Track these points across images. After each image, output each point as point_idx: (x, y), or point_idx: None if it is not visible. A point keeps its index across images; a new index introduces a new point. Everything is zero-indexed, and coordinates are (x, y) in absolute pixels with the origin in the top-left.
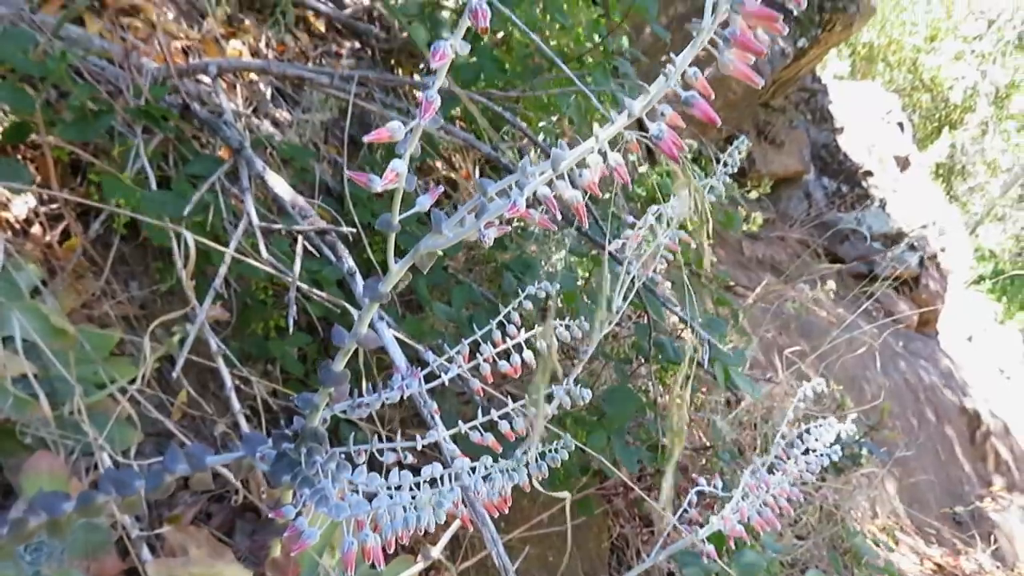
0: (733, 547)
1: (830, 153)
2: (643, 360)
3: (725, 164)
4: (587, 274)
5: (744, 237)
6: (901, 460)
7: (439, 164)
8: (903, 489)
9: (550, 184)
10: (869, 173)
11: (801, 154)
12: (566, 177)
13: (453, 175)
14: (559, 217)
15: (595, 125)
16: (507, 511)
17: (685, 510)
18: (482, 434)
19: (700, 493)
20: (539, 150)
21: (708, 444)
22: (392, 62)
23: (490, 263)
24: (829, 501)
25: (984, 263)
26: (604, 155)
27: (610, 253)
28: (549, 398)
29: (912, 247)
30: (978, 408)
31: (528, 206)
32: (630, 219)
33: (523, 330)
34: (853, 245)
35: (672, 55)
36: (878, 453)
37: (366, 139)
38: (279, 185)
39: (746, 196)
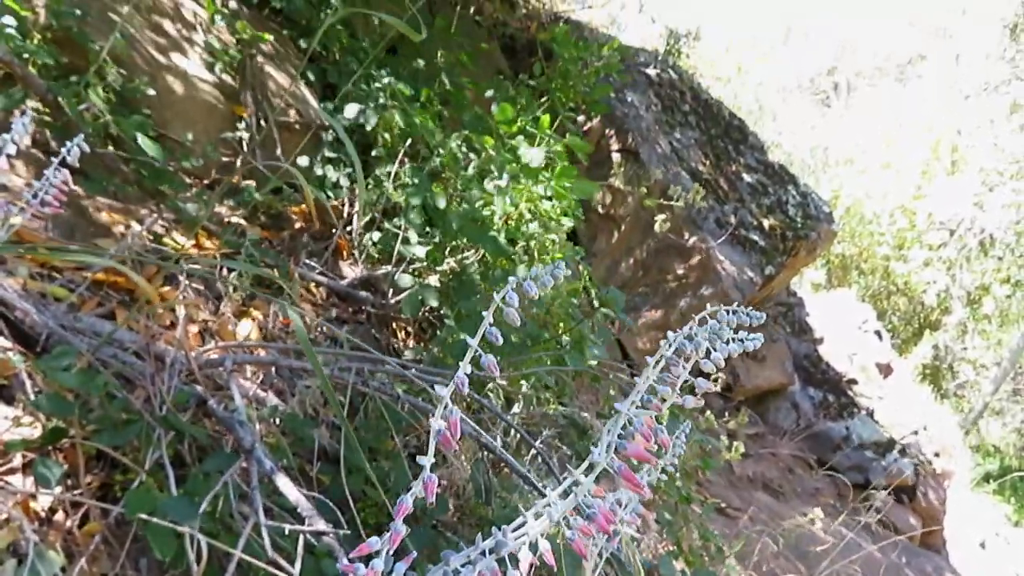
0: None
1: (812, 363)
2: None
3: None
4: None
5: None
6: None
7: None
8: None
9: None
10: (853, 381)
11: (784, 366)
12: (508, 560)
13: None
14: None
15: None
16: None
17: None
18: None
19: None
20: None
21: None
22: (387, 324)
23: (476, 515)
24: None
25: (990, 459)
26: (534, 547)
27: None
28: None
29: (904, 453)
30: None
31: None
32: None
33: None
34: (846, 455)
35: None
36: None
37: (344, 565)
38: (286, 486)
39: (725, 425)
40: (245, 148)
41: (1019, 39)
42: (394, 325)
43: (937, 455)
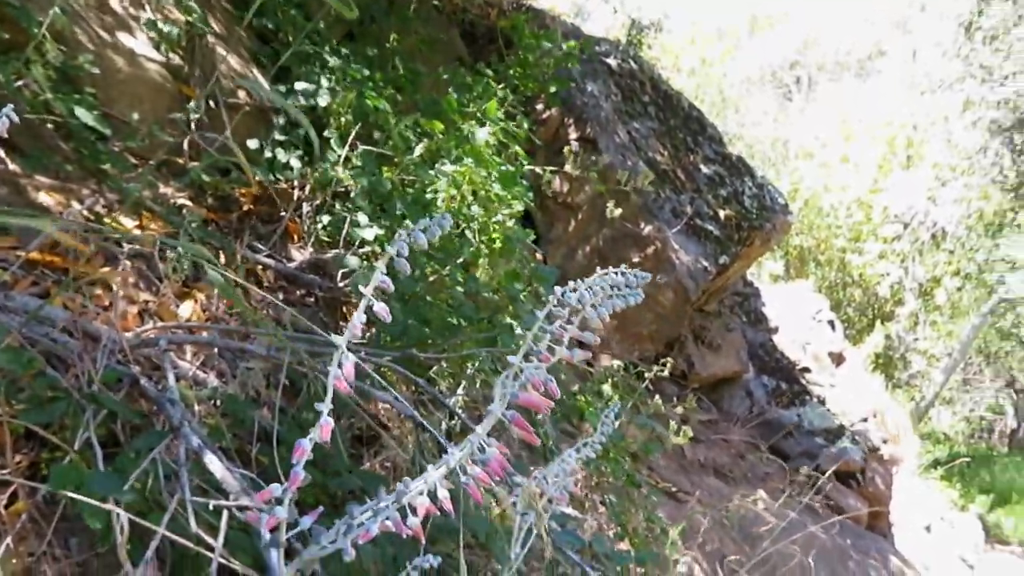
0: None
1: (767, 352)
2: None
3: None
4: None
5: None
6: None
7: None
8: None
9: (402, 510)
10: (806, 370)
11: (739, 355)
12: (408, 508)
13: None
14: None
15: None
16: None
17: None
18: None
19: None
20: (450, 413)
21: None
22: (337, 308)
23: None
24: None
25: (940, 447)
26: (433, 495)
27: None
28: None
29: (854, 440)
30: None
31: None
32: (518, 479)
33: None
34: (797, 442)
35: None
36: None
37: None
38: (213, 463)
39: (673, 410)
40: (193, 129)
41: (973, 37)
42: (344, 309)
43: (886, 442)
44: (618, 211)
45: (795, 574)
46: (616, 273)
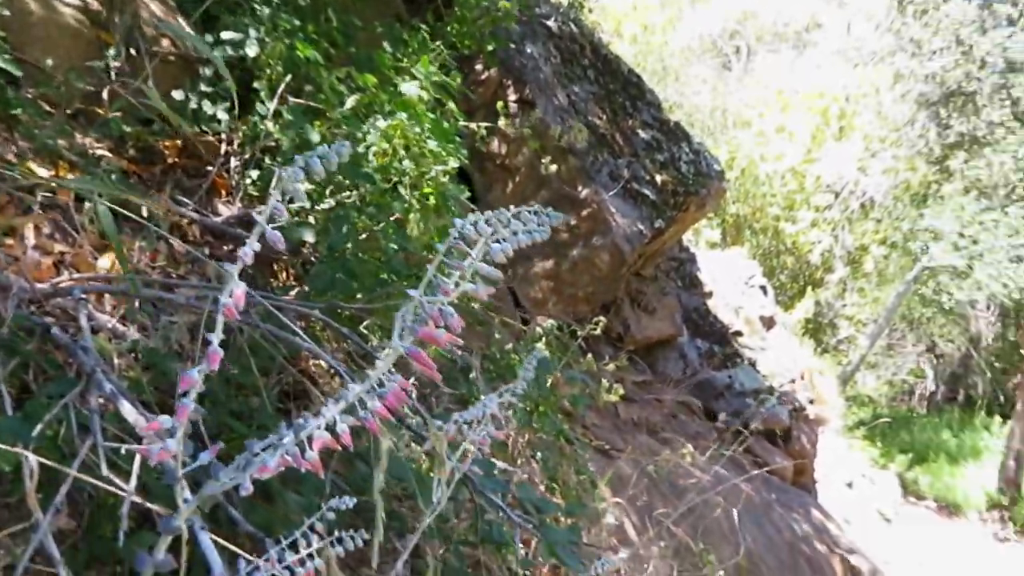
0: None
1: (701, 316)
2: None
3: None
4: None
5: (620, 401)
6: None
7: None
8: None
9: (301, 444)
10: (739, 333)
11: (674, 318)
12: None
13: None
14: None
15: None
16: None
17: None
18: None
19: None
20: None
21: None
22: (267, 264)
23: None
24: None
25: (864, 409)
26: (331, 429)
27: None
28: None
29: (781, 401)
30: (849, 556)
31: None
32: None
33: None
34: (728, 402)
35: None
36: None
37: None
38: (126, 409)
39: (604, 369)
40: (113, 78)
41: (905, 11)
42: (275, 266)
43: (812, 402)
44: (553, 167)
45: (720, 525)
46: (528, 211)
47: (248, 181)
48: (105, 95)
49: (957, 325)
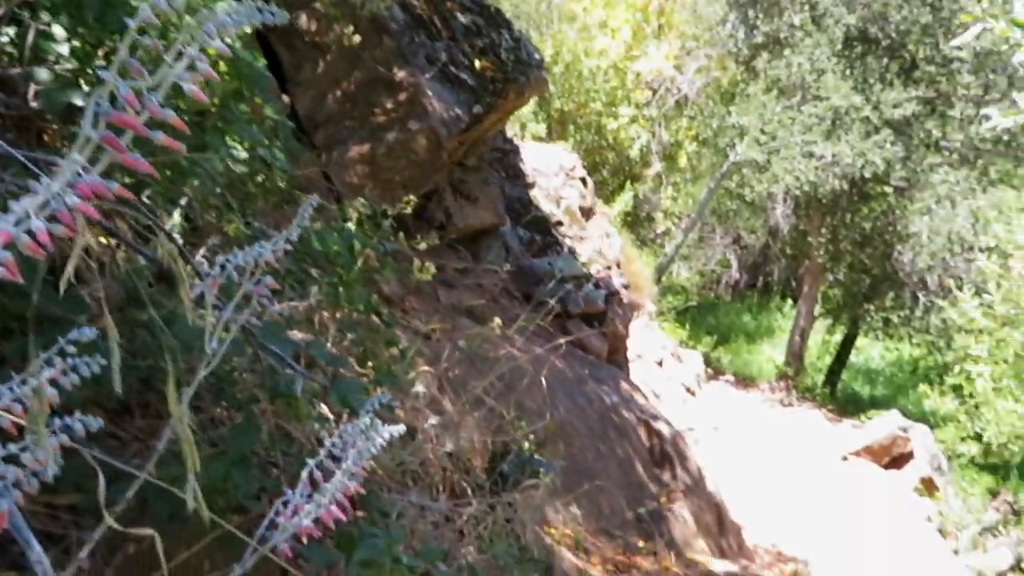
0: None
1: (523, 206)
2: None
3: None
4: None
5: (440, 285)
6: (589, 473)
7: None
8: (590, 500)
9: None
10: (559, 223)
11: (496, 208)
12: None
13: None
14: None
15: None
16: None
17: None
18: None
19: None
20: None
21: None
22: (32, 131)
23: (133, 321)
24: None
25: (678, 298)
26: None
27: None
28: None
29: (597, 286)
30: (653, 422)
31: None
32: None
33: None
34: (547, 287)
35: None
36: (549, 467)
37: None
38: None
39: (416, 248)
40: None
41: None
42: (45, 136)
43: (627, 287)
44: (356, 38)
45: (534, 397)
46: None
47: (4, 39)
48: None
49: (758, 217)
